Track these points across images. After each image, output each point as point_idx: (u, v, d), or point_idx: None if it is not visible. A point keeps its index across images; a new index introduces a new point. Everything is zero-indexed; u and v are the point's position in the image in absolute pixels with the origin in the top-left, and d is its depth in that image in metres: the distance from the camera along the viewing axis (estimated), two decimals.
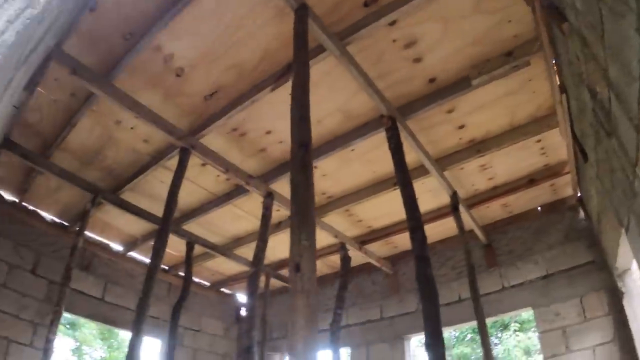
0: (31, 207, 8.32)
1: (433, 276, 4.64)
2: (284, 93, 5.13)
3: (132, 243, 9.24)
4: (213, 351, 10.78)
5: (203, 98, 5.60)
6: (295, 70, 3.85)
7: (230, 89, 5.44)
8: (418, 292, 4.68)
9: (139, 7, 4.56)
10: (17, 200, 8.09)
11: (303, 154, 3.31)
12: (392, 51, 4.89)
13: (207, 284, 11.13)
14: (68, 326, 21.36)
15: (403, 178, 5.14)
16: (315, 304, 2.68)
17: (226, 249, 9.12)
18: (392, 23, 4.52)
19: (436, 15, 4.50)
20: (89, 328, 22.69)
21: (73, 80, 5.05)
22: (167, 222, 5.74)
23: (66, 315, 9.57)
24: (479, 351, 22.69)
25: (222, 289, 11.50)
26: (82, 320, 21.11)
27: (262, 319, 8.90)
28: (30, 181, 7.50)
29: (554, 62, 4.77)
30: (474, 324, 7.27)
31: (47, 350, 6.74)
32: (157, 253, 5.67)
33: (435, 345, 4.34)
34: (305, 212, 3.06)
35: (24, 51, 2.17)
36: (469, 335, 23.10)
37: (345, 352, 10.28)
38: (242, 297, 11.82)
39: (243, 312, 11.45)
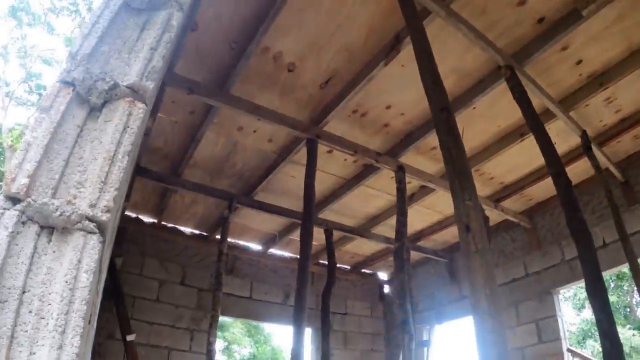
0: (170, 225, 8.79)
1: (584, 219, 4.53)
2: (396, 65, 5.20)
3: (270, 240, 9.56)
4: (362, 332, 11.05)
5: (319, 87, 5.72)
6: (413, 39, 3.89)
7: (343, 72, 5.53)
8: (565, 241, 4.57)
9: (238, 15, 4.76)
10: (155, 221, 8.57)
11: (446, 117, 3.34)
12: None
13: (348, 267, 11.35)
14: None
15: (535, 125, 5.05)
16: (491, 262, 2.70)
17: (363, 230, 9.27)
18: None
19: None
20: (237, 327, 23.73)
21: (190, 99, 5.31)
22: (310, 213, 5.89)
23: None
24: (625, 298, 21.74)
25: (363, 270, 11.67)
26: (228, 322, 22.11)
27: (409, 293, 8.95)
28: (165, 201, 7.93)
29: None
30: (622, 267, 7.01)
31: (209, 352, 7.10)
32: (306, 242, 5.79)
33: (598, 290, 4.25)
34: (462, 173, 3.09)
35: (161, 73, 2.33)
36: (612, 283, 22.08)
37: None
38: (382, 275, 11.94)
39: (386, 289, 11.59)
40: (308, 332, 9.94)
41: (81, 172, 1.45)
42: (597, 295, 4.26)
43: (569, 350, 8.21)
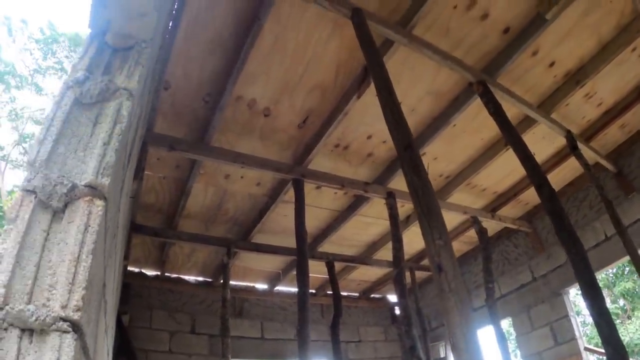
0: (174, 275, 8.81)
1: (572, 227, 4.53)
2: (370, 95, 5.20)
3: (275, 279, 9.58)
4: (378, 357, 10.96)
5: (297, 127, 5.76)
6: (373, 75, 3.92)
7: (319, 110, 5.58)
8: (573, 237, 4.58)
9: (207, 69, 4.81)
10: (159, 273, 8.59)
11: (410, 155, 3.33)
12: (456, 18, 4.82)
13: (356, 294, 11.31)
14: None
15: (512, 137, 5.06)
16: (466, 300, 2.70)
17: (364, 257, 9.28)
18: None
19: None
20: None
21: (174, 155, 5.35)
22: (304, 252, 5.92)
23: None
24: None
25: (372, 295, 11.64)
26: None
27: (418, 312, 8.92)
28: (165, 253, 7.96)
29: None
30: (626, 259, 7.04)
31: None
32: (302, 281, 5.86)
33: (593, 294, 4.24)
34: (430, 212, 3.07)
35: (125, 156, 2.36)
36: (627, 269, 22.04)
37: (507, 323, 10.10)
38: (392, 298, 11.92)
39: (397, 311, 11.56)
40: None
41: (51, 275, 1.50)
42: (594, 300, 4.25)
43: (586, 349, 8.16)
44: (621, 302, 23.60)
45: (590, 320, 22.92)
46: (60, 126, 1.77)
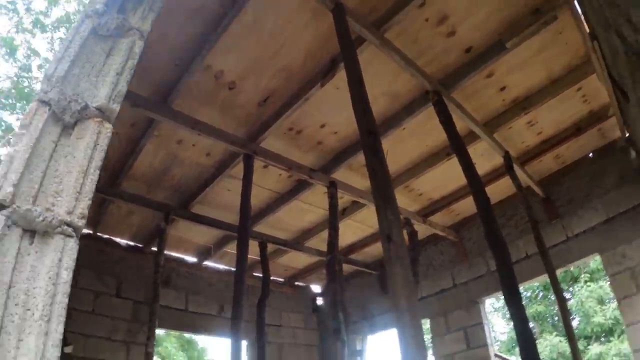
0: (106, 236, 8.80)
1: (502, 236, 4.93)
2: (332, 87, 5.49)
3: (205, 253, 9.66)
4: (297, 343, 11.26)
5: (257, 105, 5.94)
6: (347, 68, 4.21)
7: (281, 92, 5.78)
8: (489, 253, 4.98)
9: (185, 33, 4.92)
10: (91, 232, 8.57)
11: (373, 140, 3.69)
12: (426, 30, 5.15)
13: (282, 279, 11.53)
14: None
15: (458, 147, 5.45)
16: (408, 268, 3.02)
17: (297, 243, 9.52)
18: (422, 5, 4.79)
19: None
20: (170, 342, 23.51)
21: (132, 112, 5.45)
22: (246, 227, 6.12)
23: None
24: (552, 308, 22.76)
25: (297, 283, 11.93)
26: (162, 336, 21.89)
27: (341, 303, 9.19)
28: (102, 211, 7.94)
29: (580, 11, 4.94)
30: (544, 277, 7.51)
31: None
32: (242, 257, 6.00)
33: (514, 301, 4.63)
34: (385, 191, 3.45)
35: None
36: (541, 293, 23.16)
37: (424, 323, 10.57)
38: (316, 288, 12.22)
39: (319, 301, 11.86)
40: (243, 344, 10.05)
41: (57, 183, 1.66)
42: (515, 306, 4.63)
43: (496, 355, 8.68)
44: (531, 324, 24.74)
45: (499, 329, 24.23)
46: (77, 50, 1.96)
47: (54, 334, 1.43)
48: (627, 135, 7.37)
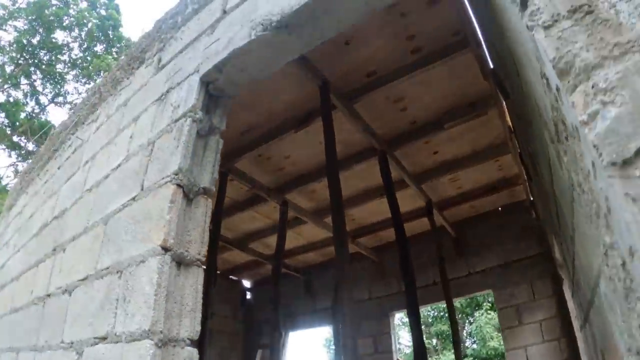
0: None
1: (412, 262, 6.54)
2: (302, 133, 6.78)
3: None
4: (224, 331, 12.43)
5: (240, 134, 7.06)
6: (325, 124, 5.70)
7: (260, 127, 6.97)
8: (401, 275, 6.52)
9: None
10: None
11: (334, 175, 5.45)
12: (385, 104, 6.54)
13: (218, 272, 12.60)
14: None
15: (389, 191, 6.96)
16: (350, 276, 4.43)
17: (239, 242, 10.77)
18: (384, 86, 6.13)
19: (419, 81, 6.11)
20: None
21: None
22: (219, 227, 7.41)
23: None
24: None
25: (230, 276, 13.18)
26: None
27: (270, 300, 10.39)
28: None
29: (504, 109, 6.45)
30: (441, 303, 9.22)
31: None
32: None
33: (415, 320, 6.28)
34: (339, 213, 5.08)
35: None
36: (445, 314, 25.25)
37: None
38: (246, 283, 13.43)
39: (248, 295, 13.08)
40: None
41: (188, 234, 2.88)
42: (415, 324, 6.21)
43: None
44: (434, 340, 26.92)
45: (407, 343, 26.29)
46: (192, 150, 3.08)
47: (197, 318, 2.70)
48: (531, 199, 9.07)
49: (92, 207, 3.86)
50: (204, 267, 2.89)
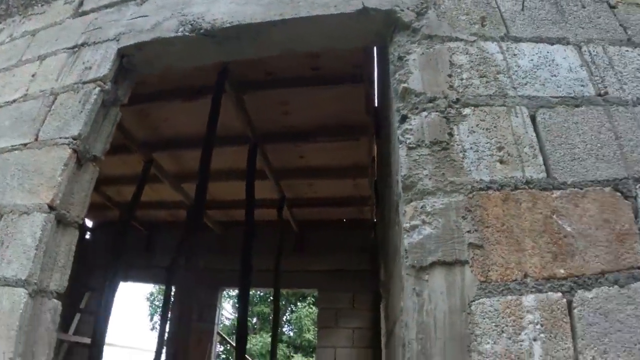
0: None
1: (251, 247, 7.21)
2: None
3: None
4: None
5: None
6: (211, 108, 6.29)
7: (152, 85, 6.78)
8: (240, 255, 7.06)
9: None
10: None
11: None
12: (270, 103, 6.90)
13: None
14: None
15: (249, 180, 7.54)
16: None
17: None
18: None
19: (309, 95, 6.58)
20: None
21: None
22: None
23: None
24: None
25: None
26: None
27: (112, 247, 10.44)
28: None
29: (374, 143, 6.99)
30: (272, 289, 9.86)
31: None
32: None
33: (244, 296, 6.91)
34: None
35: None
36: (270, 298, 26.21)
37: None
38: (88, 223, 13.26)
39: (87, 236, 12.92)
40: None
41: (72, 197, 2.95)
42: (243, 305, 6.80)
43: (218, 333, 11.23)
44: (255, 319, 27.91)
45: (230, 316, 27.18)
46: (94, 117, 3.17)
47: (66, 274, 2.94)
48: (375, 220, 9.66)
49: None
50: (77, 226, 3.10)
